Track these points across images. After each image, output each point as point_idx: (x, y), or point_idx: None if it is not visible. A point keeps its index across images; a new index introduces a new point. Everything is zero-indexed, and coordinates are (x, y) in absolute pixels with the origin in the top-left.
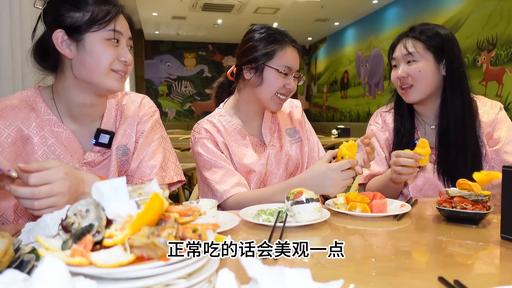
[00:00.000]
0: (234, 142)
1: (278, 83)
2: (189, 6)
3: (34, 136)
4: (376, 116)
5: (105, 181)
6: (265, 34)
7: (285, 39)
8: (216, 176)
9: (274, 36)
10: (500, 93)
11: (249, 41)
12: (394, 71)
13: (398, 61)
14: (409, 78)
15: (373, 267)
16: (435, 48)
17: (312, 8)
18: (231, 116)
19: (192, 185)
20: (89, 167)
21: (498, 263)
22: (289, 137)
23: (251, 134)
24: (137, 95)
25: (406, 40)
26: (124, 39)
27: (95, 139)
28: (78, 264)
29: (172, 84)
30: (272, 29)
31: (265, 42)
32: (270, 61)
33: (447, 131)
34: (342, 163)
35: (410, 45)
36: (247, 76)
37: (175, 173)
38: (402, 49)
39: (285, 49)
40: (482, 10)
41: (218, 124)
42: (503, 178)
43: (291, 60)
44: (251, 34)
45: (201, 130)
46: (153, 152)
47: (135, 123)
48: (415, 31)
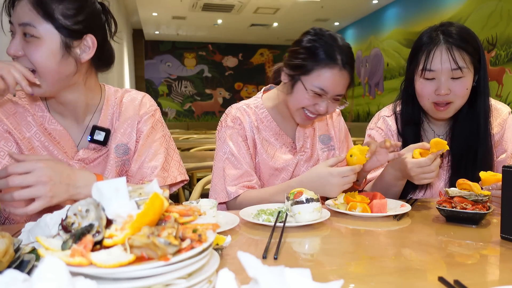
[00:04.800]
0: (265, 140)
1: (305, 102)
2: (189, 6)
3: (26, 132)
4: (378, 120)
5: (105, 181)
6: (315, 43)
7: (335, 57)
8: (233, 173)
9: (324, 49)
10: (500, 93)
11: (297, 43)
12: (428, 83)
13: (438, 75)
14: (451, 95)
15: (373, 267)
16: (477, 60)
17: (312, 8)
18: (268, 109)
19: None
20: (83, 164)
21: (498, 263)
22: (322, 144)
23: (284, 133)
24: (138, 93)
25: (450, 48)
26: (17, 27)
27: (90, 136)
28: (78, 264)
29: (172, 84)
30: (328, 40)
31: (309, 53)
32: (305, 76)
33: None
34: (344, 170)
35: (459, 57)
36: (284, 79)
37: (179, 172)
38: (451, 62)
39: (327, 69)
40: (482, 10)
41: (253, 116)
42: (503, 178)
43: (330, 84)
44: (303, 37)
45: (234, 119)
46: (155, 152)
47: (135, 122)
48: (456, 37)
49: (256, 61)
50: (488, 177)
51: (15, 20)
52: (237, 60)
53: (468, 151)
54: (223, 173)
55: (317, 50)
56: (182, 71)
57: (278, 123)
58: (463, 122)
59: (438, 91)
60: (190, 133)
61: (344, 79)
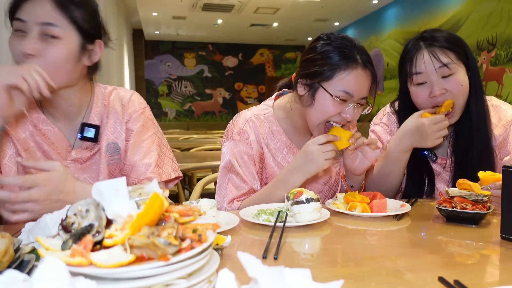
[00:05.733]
0: (275, 151)
1: (330, 110)
2: (189, 6)
3: (22, 132)
4: (383, 116)
5: (105, 181)
6: (330, 47)
7: (354, 57)
8: (234, 193)
9: (341, 51)
10: (500, 93)
11: (310, 51)
12: (420, 89)
13: (427, 77)
14: (447, 94)
15: (373, 267)
16: (463, 56)
17: (312, 8)
18: (279, 120)
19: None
20: (78, 164)
21: (498, 263)
22: None
23: (296, 146)
24: (126, 91)
25: (431, 50)
26: (31, 26)
27: (80, 134)
28: (78, 264)
29: (172, 84)
30: (343, 41)
31: (327, 57)
32: (327, 82)
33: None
34: (319, 137)
35: (442, 54)
36: (300, 91)
37: (172, 169)
38: (434, 61)
39: (349, 70)
40: (482, 10)
41: (262, 129)
42: (503, 178)
43: (354, 85)
44: (316, 43)
45: (241, 132)
46: (147, 150)
47: (123, 121)
48: (437, 38)
49: (256, 61)
50: (487, 177)
51: (33, 19)
52: (237, 60)
53: (469, 152)
54: (225, 191)
55: (335, 52)
56: (182, 71)
57: (289, 135)
58: (463, 123)
59: (433, 93)
60: (190, 133)
61: (368, 78)
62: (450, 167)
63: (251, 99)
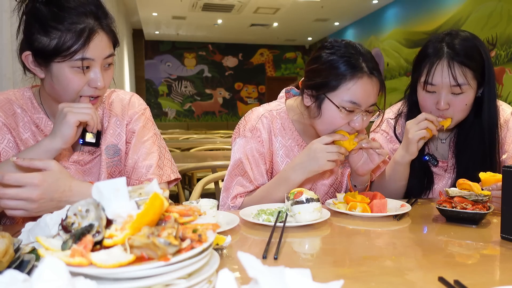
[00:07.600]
0: (286, 147)
1: (338, 121)
2: (189, 6)
3: (24, 133)
4: (383, 123)
5: (105, 181)
6: (334, 56)
7: (360, 66)
8: (240, 190)
9: (346, 60)
10: (500, 93)
11: (314, 61)
12: (429, 95)
13: (438, 89)
14: (450, 110)
15: (373, 267)
16: (480, 75)
17: (312, 8)
18: (292, 118)
19: (192, 185)
20: (79, 166)
21: (498, 263)
22: None
23: (307, 144)
24: (126, 93)
25: (452, 64)
26: (97, 62)
27: (81, 139)
28: (78, 264)
29: (172, 84)
30: (348, 49)
31: (332, 67)
32: (333, 93)
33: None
34: (324, 136)
35: (460, 73)
36: (307, 102)
37: (172, 170)
38: (450, 78)
39: (355, 80)
40: (482, 10)
41: (274, 124)
42: (503, 178)
43: (361, 94)
44: (320, 52)
45: (253, 129)
46: (148, 151)
47: (124, 123)
48: (459, 52)
49: (256, 61)
50: (488, 178)
51: (98, 55)
52: (237, 60)
53: (473, 157)
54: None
55: (339, 62)
56: (182, 71)
57: (301, 133)
58: (468, 129)
59: (438, 105)
60: (190, 133)
61: (375, 86)
62: (451, 169)
63: (251, 99)
